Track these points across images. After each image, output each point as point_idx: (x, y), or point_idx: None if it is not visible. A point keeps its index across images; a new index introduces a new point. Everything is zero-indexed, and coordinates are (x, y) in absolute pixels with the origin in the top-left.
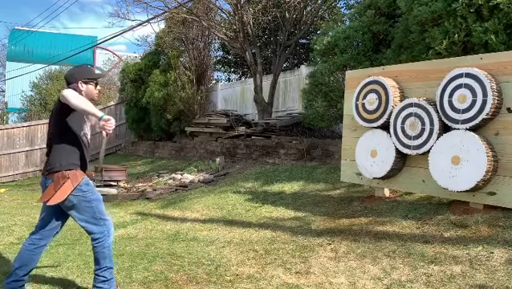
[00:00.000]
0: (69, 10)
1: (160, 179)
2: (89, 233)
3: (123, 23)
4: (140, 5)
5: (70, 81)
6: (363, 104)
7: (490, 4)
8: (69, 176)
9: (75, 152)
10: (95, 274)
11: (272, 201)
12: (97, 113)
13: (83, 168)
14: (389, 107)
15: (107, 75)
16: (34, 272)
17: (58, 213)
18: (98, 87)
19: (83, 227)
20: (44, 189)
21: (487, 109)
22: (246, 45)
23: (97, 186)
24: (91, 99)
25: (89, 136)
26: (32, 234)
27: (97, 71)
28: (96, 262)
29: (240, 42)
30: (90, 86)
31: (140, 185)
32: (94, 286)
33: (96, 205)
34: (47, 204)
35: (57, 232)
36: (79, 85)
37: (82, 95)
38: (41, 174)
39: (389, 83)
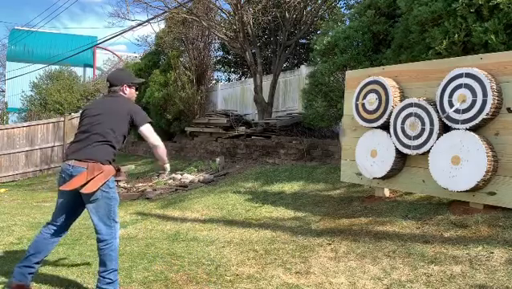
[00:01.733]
0: (69, 10)
1: (160, 179)
2: (97, 232)
3: (124, 23)
4: (140, 5)
5: (114, 84)
6: (363, 104)
7: (490, 4)
8: (104, 169)
9: (115, 152)
10: (100, 276)
11: (272, 201)
12: (165, 161)
13: (115, 167)
14: (389, 107)
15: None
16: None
17: (76, 205)
18: (137, 91)
19: (94, 224)
20: (68, 178)
21: (487, 109)
22: (246, 45)
23: None
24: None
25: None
26: (49, 223)
27: (97, 72)
28: (102, 264)
29: (240, 42)
30: (132, 90)
31: (140, 185)
32: (98, 287)
33: (114, 205)
34: (82, 191)
35: (71, 224)
36: (124, 88)
37: (126, 97)
38: (65, 160)
39: (389, 83)
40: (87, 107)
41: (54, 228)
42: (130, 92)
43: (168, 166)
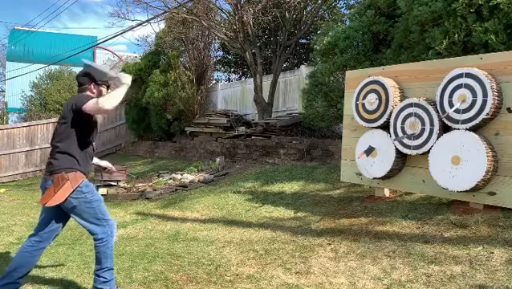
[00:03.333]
0: (70, 10)
1: (160, 179)
2: (92, 233)
3: (124, 23)
4: (140, 5)
5: (81, 82)
6: (363, 104)
7: (490, 4)
8: (69, 177)
9: (79, 157)
10: (96, 275)
11: (272, 201)
12: (122, 80)
13: (84, 172)
14: (389, 108)
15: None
16: (34, 272)
17: (58, 216)
18: (109, 90)
19: (85, 228)
20: (44, 191)
21: (487, 109)
22: (246, 45)
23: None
24: None
25: (94, 144)
26: (31, 236)
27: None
28: (98, 261)
29: (240, 42)
30: (102, 88)
31: (140, 185)
32: (94, 287)
33: (97, 206)
34: (46, 205)
35: (56, 234)
36: (92, 87)
37: (93, 97)
38: (43, 175)
39: (389, 83)
40: None
41: (37, 240)
42: (98, 92)
43: (118, 74)
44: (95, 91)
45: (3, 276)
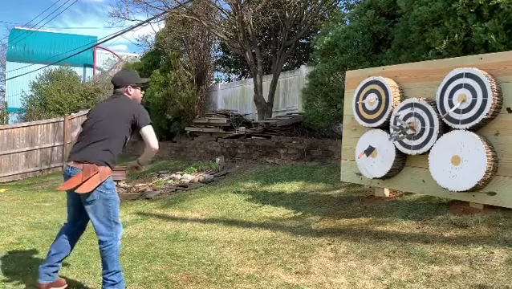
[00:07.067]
0: (70, 10)
1: (160, 179)
2: (98, 233)
3: (124, 23)
4: (140, 5)
5: (118, 85)
6: (363, 104)
7: (490, 4)
8: (99, 170)
9: (114, 154)
10: (104, 279)
11: (272, 201)
12: (146, 163)
13: (112, 168)
14: (389, 107)
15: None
16: (34, 272)
17: (80, 205)
18: (143, 91)
19: (94, 226)
20: (67, 178)
21: (487, 109)
22: (246, 45)
23: None
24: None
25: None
26: (66, 224)
27: (97, 72)
28: (104, 266)
29: (240, 42)
30: (137, 90)
31: (140, 185)
32: None
33: (113, 206)
34: (74, 191)
35: (84, 223)
36: (128, 89)
37: (130, 98)
38: (67, 161)
39: (389, 83)
40: (92, 109)
41: (69, 227)
42: (135, 93)
43: (143, 169)
44: (131, 92)
45: (45, 260)
